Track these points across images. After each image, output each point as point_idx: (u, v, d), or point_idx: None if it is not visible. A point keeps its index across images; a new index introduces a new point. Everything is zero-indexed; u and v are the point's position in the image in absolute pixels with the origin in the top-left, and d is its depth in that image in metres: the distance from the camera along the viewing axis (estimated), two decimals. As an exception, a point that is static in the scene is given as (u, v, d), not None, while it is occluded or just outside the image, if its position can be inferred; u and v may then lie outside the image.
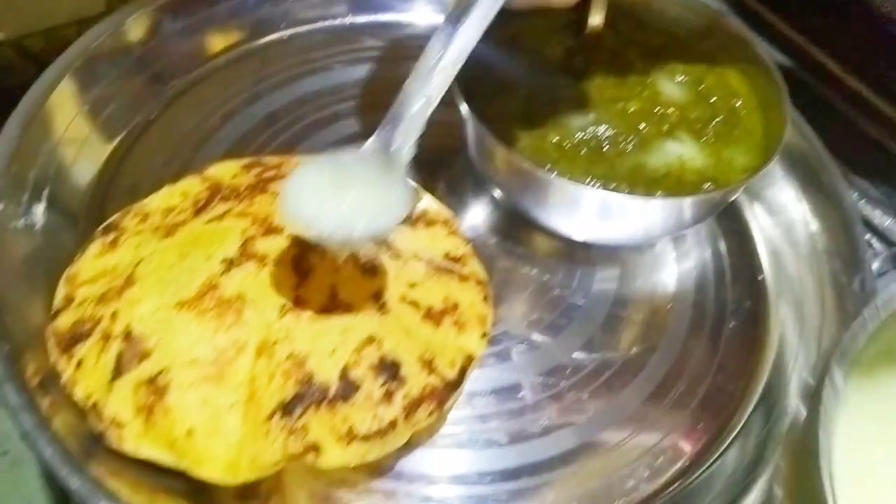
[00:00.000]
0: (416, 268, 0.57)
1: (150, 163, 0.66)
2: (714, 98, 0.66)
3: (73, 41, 0.67)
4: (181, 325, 0.50)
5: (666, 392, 0.59)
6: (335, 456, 0.48)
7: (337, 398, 0.48)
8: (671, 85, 0.67)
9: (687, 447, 0.56)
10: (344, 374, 0.49)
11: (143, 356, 0.49)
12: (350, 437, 0.48)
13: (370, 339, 0.51)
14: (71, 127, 0.64)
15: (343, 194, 0.47)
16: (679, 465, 0.55)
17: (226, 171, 0.61)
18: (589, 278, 0.65)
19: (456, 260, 0.60)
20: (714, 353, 0.62)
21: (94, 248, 0.56)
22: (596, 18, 0.69)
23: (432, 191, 0.64)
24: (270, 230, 0.54)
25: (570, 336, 0.61)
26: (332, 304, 0.52)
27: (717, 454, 0.56)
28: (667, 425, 0.57)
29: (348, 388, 0.49)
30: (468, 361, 0.54)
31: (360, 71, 0.76)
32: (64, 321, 0.52)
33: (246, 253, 0.52)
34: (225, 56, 0.75)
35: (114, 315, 0.51)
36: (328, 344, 0.50)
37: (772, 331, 0.63)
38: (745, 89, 0.67)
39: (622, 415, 0.57)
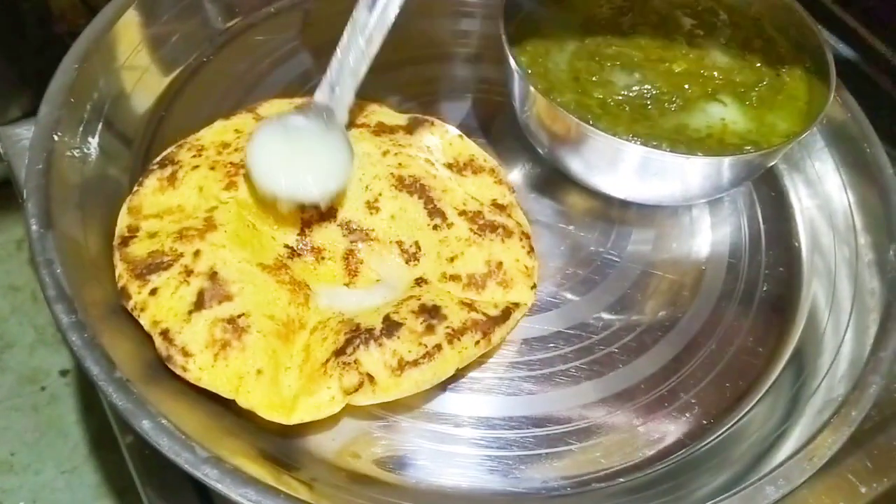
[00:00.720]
0: (460, 231, 0.59)
1: (202, 101, 0.68)
2: (759, 63, 0.66)
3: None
4: (262, 282, 0.54)
5: (696, 350, 0.60)
6: (391, 385, 0.51)
7: (382, 336, 0.51)
8: (717, 47, 0.67)
9: (715, 402, 0.57)
10: (387, 319, 0.52)
11: (226, 297, 0.52)
12: (401, 366, 0.51)
13: (409, 297, 0.54)
14: (127, 63, 0.66)
15: (294, 158, 0.57)
16: (706, 420, 0.56)
17: (277, 111, 0.63)
18: (624, 238, 0.65)
19: (502, 208, 0.61)
20: (745, 315, 0.62)
21: (153, 181, 0.59)
22: (645, -21, 0.69)
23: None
24: (324, 214, 0.59)
25: (603, 293, 0.62)
26: (378, 286, 0.57)
27: (746, 410, 0.57)
28: (695, 380, 0.58)
29: (392, 327, 0.52)
30: (514, 305, 0.56)
31: (407, 19, 0.76)
32: (138, 250, 0.55)
33: (305, 243, 0.58)
34: (276, 4, 0.77)
35: (196, 253, 0.54)
36: (371, 307, 0.54)
37: (804, 297, 0.64)
38: (790, 56, 0.67)
39: (650, 370, 0.58)
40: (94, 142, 0.60)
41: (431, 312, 0.53)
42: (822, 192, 0.69)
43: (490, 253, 0.58)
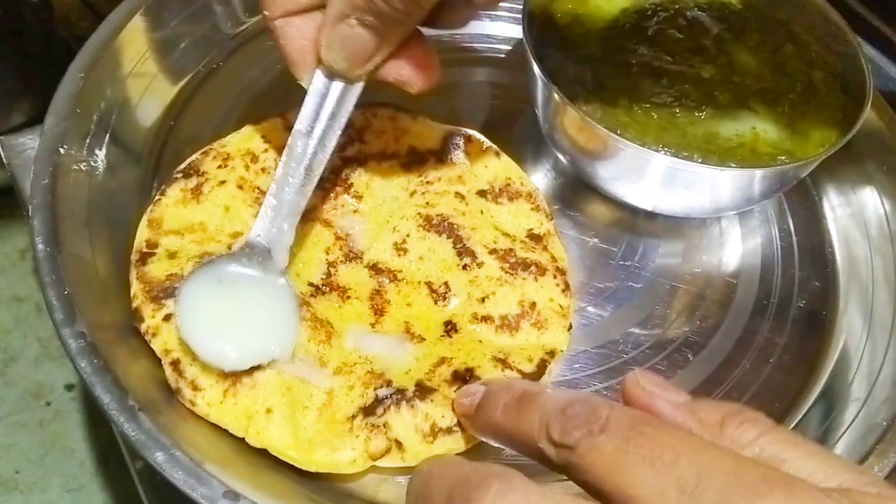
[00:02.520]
0: (490, 270, 0.57)
1: (213, 109, 0.65)
2: (790, 68, 0.64)
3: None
4: None
5: (730, 370, 0.57)
6: (421, 451, 0.48)
7: (415, 398, 0.49)
8: (747, 52, 0.65)
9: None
10: (420, 384, 0.50)
11: None
12: (433, 432, 0.49)
13: (441, 361, 0.52)
14: (135, 71, 0.63)
15: (234, 320, 0.50)
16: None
17: None
18: (652, 251, 0.63)
19: (538, 239, 0.59)
20: (780, 332, 0.60)
21: (175, 192, 0.57)
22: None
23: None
24: (350, 255, 0.57)
25: (630, 309, 0.60)
26: (406, 336, 0.54)
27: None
28: (730, 402, 0.55)
29: (425, 391, 0.50)
30: (549, 356, 0.54)
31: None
32: (156, 270, 0.53)
33: (330, 283, 0.56)
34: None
35: None
36: (403, 368, 0.52)
37: (840, 311, 0.61)
38: (823, 61, 0.65)
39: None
40: (101, 154, 0.58)
41: (465, 378, 0.51)
42: (855, 201, 0.67)
43: (523, 293, 0.56)
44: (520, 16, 0.61)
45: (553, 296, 0.57)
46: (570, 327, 0.56)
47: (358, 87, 0.50)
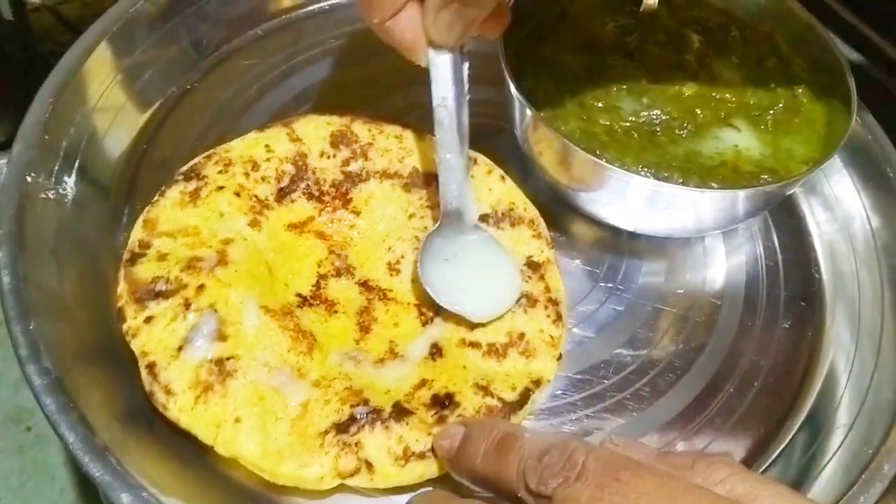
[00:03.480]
0: None
1: (186, 134, 0.64)
2: (774, 83, 0.63)
3: (108, 8, 0.65)
4: (262, 326, 0.51)
5: (714, 394, 0.56)
6: (391, 474, 0.47)
7: (390, 419, 0.48)
8: (729, 67, 0.64)
9: (735, 450, 0.54)
10: (397, 405, 0.49)
11: (220, 338, 0.50)
12: (405, 456, 0.48)
13: (422, 384, 0.51)
14: (105, 95, 0.62)
15: (469, 276, 0.56)
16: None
17: (314, 132, 0.62)
18: (635, 271, 0.62)
19: (535, 268, 0.58)
20: (765, 354, 0.58)
21: (175, 194, 0.57)
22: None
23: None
24: (342, 270, 0.57)
25: (614, 332, 0.58)
26: (389, 356, 0.53)
27: (769, 462, 0.53)
28: (714, 427, 0.54)
29: (402, 413, 0.49)
30: (534, 385, 0.53)
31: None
32: (143, 271, 0.53)
33: (318, 295, 0.56)
34: (264, 25, 0.73)
35: (200, 288, 0.52)
36: (382, 387, 0.51)
37: (828, 332, 0.60)
38: (806, 75, 0.63)
39: (665, 417, 0.55)
40: (70, 182, 0.57)
41: (444, 403, 0.50)
42: (841, 216, 0.66)
43: (512, 325, 0.55)
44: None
45: (543, 326, 0.56)
46: (560, 357, 0.55)
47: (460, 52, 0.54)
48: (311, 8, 0.75)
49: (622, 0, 0.67)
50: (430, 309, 0.56)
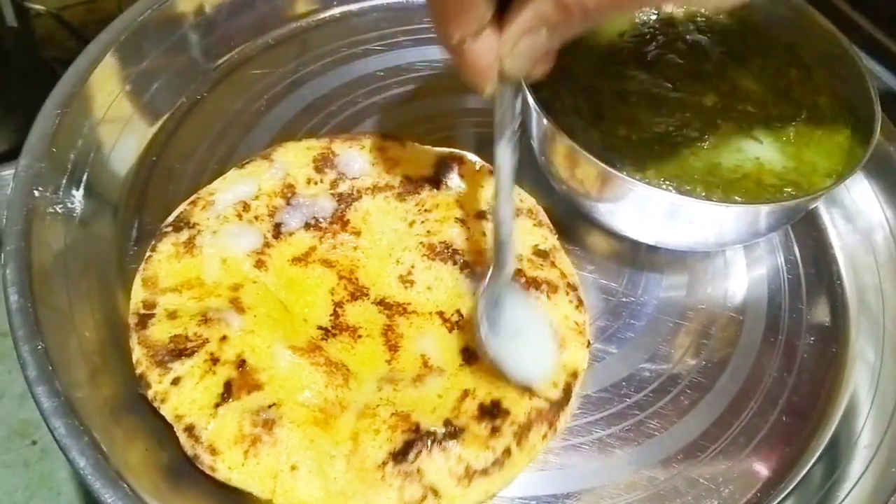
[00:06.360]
0: None
1: (195, 146, 0.63)
2: (795, 94, 0.61)
3: (113, 14, 0.64)
4: (294, 367, 0.50)
5: (737, 413, 0.55)
6: (457, 496, 0.47)
7: (445, 440, 0.47)
8: (750, 78, 0.62)
9: (761, 471, 0.52)
10: (448, 423, 0.48)
11: (255, 387, 0.49)
12: (468, 475, 0.47)
13: (465, 394, 0.50)
14: (113, 106, 0.61)
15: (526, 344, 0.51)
16: (753, 492, 0.52)
17: (295, 160, 0.60)
18: (655, 285, 0.61)
19: (544, 256, 0.57)
20: (788, 371, 0.57)
21: (167, 247, 0.55)
22: (670, 4, 0.64)
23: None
24: (356, 294, 0.56)
25: (634, 348, 0.57)
26: (425, 370, 0.52)
27: (796, 482, 0.52)
28: (738, 446, 0.53)
29: (455, 431, 0.48)
30: (572, 377, 0.52)
31: (415, 54, 0.72)
32: (158, 332, 0.51)
33: (339, 324, 0.54)
34: (274, 34, 0.72)
35: (223, 339, 0.50)
36: (428, 406, 0.50)
37: (852, 346, 0.59)
38: (829, 85, 0.62)
39: (689, 437, 0.53)
40: (77, 195, 0.56)
41: (493, 412, 0.49)
42: (863, 228, 0.65)
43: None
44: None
45: (567, 313, 0.55)
46: (589, 344, 0.54)
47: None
48: (321, 16, 0.74)
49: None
50: (454, 314, 0.55)
